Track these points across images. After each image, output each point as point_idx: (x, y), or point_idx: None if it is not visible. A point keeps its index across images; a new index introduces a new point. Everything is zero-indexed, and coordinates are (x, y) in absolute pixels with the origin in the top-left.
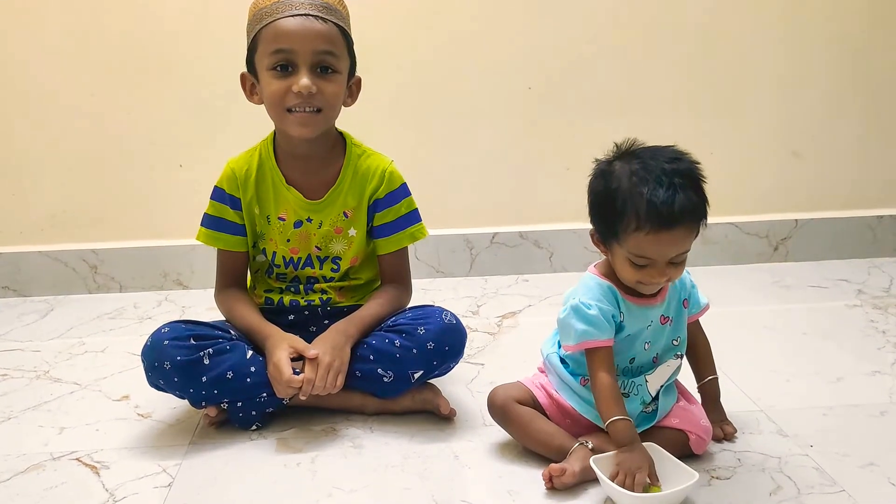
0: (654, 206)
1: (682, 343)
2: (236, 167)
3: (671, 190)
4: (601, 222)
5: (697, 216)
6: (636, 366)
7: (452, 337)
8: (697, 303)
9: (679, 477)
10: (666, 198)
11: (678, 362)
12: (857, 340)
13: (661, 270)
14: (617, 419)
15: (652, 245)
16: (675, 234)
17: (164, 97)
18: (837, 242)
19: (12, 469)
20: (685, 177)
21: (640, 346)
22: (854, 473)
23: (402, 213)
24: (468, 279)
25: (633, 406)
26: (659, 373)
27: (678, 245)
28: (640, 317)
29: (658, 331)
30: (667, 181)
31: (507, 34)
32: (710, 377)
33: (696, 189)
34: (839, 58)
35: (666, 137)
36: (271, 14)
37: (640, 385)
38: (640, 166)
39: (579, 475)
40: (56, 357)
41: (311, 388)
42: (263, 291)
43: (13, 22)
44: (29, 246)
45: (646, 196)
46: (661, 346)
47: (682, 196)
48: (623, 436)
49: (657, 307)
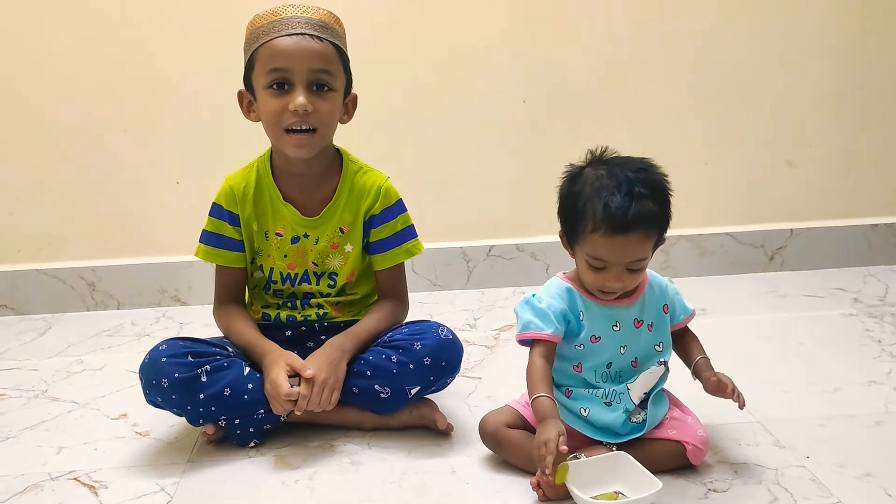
0: (610, 209)
1: (666, 349)
2: (234, 183)
3: (629, 196)
4: (565, 223)
5: (652, 225)
6: (615, 371)
7: (449, 352)
8: (683, 309)
9: (643, 485)
10: (622, 203)
11: (661, 369)
12: (853, 350)
13: (618, 275)
14: (539, 396)
15: (606, 248)
16: (628, 240)
17: (161, 115)
18: (833, 251)
19: (11, 489)
20: (647, 186)
21: (615, 350)
22: (851, 484)
23: (398, 228)
24: (465, 292)
25: (615, 415)
26: (641, 380)
27: (631, 251)
28: (602, 316)
29: (633, 334)
30: (626, 188)
31: (502, 48)
32: (700, 357)
33: (656, 199)
34: (833, 67)
35: (661, 148)
36: (268, 33)
37: (622, 393)
38: (606, 172)
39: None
40: (54, 376)
41: (306, 403)
42: (261, 307)
43: (10, 42)
44: (27, 264)
45: (603, 200)
46: (641, 351)
47: (638, 203)
48: (542, 410)
49: (623, 308)
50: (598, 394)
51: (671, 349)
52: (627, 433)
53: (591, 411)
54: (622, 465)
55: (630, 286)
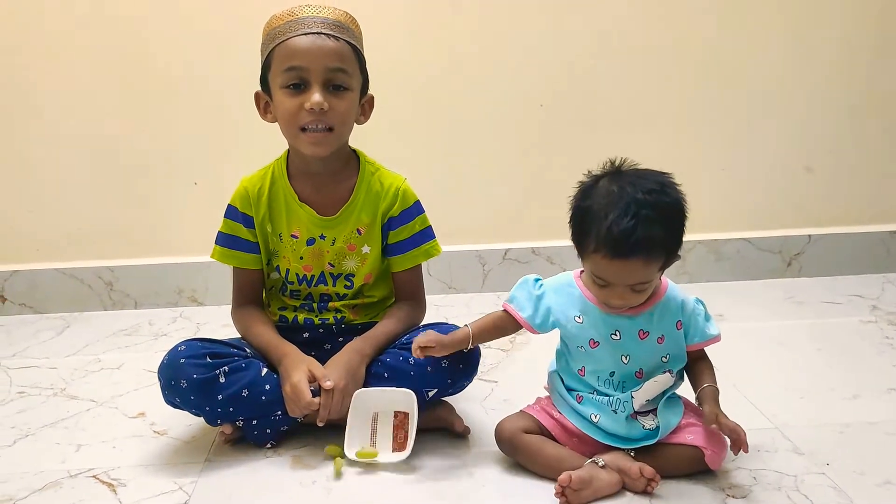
0: (612, 233)
1: (673, 361)
2: (249, 185)
3: (634, 220)
4: (573, 236)
5: (656, 250)
6: (617, 380)
7: (466, 355)
8: (701, 332)
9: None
10: (625, 227)
11: (667, 377)
12: (872, 357)
13: (620, 294)
14: (465, 326)
15: (607, 269)
16: (630, 264)
17: (180, 116)
18: (851, 258)
19: (30, 487)
20: (657, 209)
21: (616, 358)
22: (871, 492)
23: (417, 230)
24: (481, 295)
25: (621, 422)
26: (646, 388)
27: (633, 274)
28: (602, 323)
29: (636, 345)
30: (634, 211)
31: (520, 51)
32: (707, 384)
33: (665, 224)
34: (851, 72)
35: (678, 152)
36: (284, 33)
37: (626, 401)
38: (618, 189)
39: (586, 480)
40: (72, 374)
41: (327, 413)
42: (278, 309)
43: (31, 45)
44: (45, 263)
45: (608, 221)
46: (647, 363)
47: (643, 229)
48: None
49: (625, 318)
50: (605, 401)
51: (683, 362)
52: (641, 439)
53: (601, 418)
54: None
55: (634, 304)
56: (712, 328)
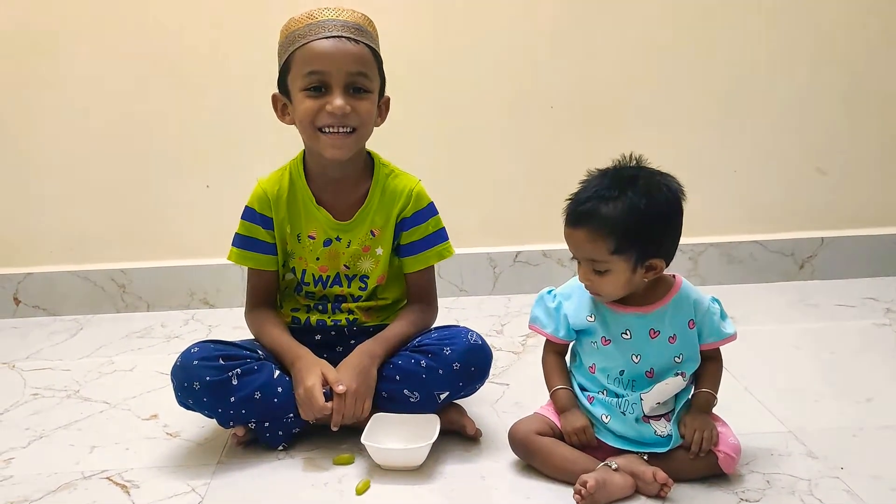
0: (570, 202)
1: (686, 362)
2: (267, 187)
3: (590, 195)
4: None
5: (602, 227)
6: (627, 379)
7: (478, 358)
8: (716, 332)
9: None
10: (579, 197)
11: (678, 380)
12: (886, 360)
13: (584, 273)
14: (558, 388)
15: (567, 240)
16: (576, 234)
17: (192, 118)
18: (864, 260)
19: (44, 488)
20: (623, 195)
21: (626, 357)
22: (886, 496)
23: (430, 231)
24: (491, 298)
25: (626, 422)
26: (656, 391)
27: (581, 247)
28: (613, 321)
29: (647, 344)
30: (595, 188)
31: (531, 54)
32: (704, 390)
33: (624, 210)
34: (863, 74)
35: (690, 155)
36: (304, 36)
37: (635, 403)
38: (599, 173)
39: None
40: (86, 376)
41: (340, 418)
42: (290, 310)
43: (41, 45)
44: (59, 266)
45: (574, 194)
46: (658, 362)
47: (593, 204)
48: (562, 402)
49: (636, 316)
50: (614, 402)
51: (697, 363)
52: (651, 444)
53: (611, 419)
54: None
55: (600, 291)
56: (728, 327)
